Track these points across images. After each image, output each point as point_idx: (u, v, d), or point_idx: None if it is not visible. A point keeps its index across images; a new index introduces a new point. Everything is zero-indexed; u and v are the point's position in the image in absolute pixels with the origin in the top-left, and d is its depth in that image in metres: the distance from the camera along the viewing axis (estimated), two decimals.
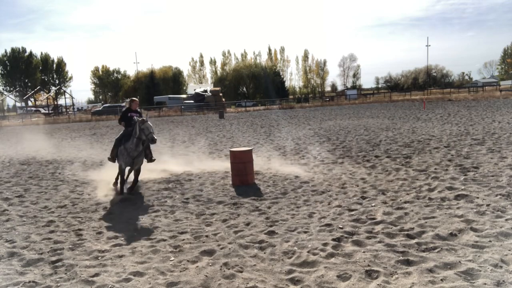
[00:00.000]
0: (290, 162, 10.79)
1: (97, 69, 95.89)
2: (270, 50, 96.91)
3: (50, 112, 55.32)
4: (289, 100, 69.98)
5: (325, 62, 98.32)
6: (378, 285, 3.79)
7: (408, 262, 4.23)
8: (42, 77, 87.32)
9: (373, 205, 6.39)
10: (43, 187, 9.07)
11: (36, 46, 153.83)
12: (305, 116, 31.32)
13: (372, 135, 15.58)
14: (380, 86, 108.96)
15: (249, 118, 32.89)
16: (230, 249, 4.86)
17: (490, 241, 4.62)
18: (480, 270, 3.90)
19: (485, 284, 3.66)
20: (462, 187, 7.00)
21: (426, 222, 5.38)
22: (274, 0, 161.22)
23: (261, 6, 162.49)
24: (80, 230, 5.92)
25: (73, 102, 65.05)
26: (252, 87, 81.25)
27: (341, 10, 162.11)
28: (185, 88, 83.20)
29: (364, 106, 43.75)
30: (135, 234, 5.67)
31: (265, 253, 4.71)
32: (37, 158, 14.07)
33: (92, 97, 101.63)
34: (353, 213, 6.05)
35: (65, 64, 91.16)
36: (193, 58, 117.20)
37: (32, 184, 9.52)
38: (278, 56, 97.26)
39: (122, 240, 5.42)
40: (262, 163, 10.61)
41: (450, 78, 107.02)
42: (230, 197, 7.47)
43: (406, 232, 5.10)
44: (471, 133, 14.37)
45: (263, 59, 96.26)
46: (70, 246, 5.21)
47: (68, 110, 60.24)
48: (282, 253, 4.68)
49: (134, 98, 8.20)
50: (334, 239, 4.98)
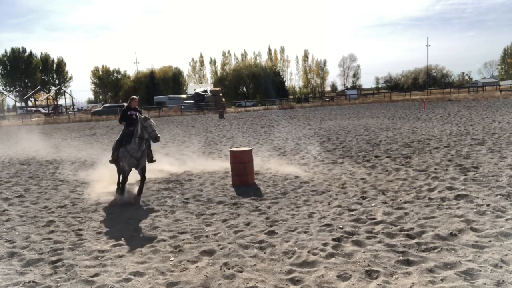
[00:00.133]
0: (290, 162, 10.79)
1: (97, 69, 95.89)
2: (270, 50, 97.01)
3: (50, 112, 55.31)
4: (289, 100, 69.96)
5: (325, 62, 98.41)
6: (378, 285, 3.79)
7: (408, 262, 4.23)
8: (42, 77, 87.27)
9: (373, 205, 6.39)
10: (43, 187, 9.07)
11: (36, 46, 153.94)
12: (305, 116, 31.33)
13: (372, 135, 15.58)
14: (380, 86, 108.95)
15: (249, 118, 32.89)
16: (230, 249, 4.86)
17: (490, 241, 4.62)
18: (480, 270, 3.90)
19: (485, 284, 3.66)
20: (462, 187, 7.00)
21: (426, 222, 5.38)
22: (274, 0, 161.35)
23: (261, 6, 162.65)
24: (80, 230, 5.92)
25: (73, 102, 65.11)
26: (252, 87, 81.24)
27: (341, 10, 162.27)
28: (185, 88, 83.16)
29: (364, 106, 43.75)
30: (135, 234, 5.67)
31: (265, 253, 4.71)
32: (37, 158, 14.07)
33: (92, 97, 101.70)
34: (353, 213, 6.05)
35: (65, 64, 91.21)
36: (193, 58, 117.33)
37: (32, 184, 9.52)
38: (278, 56, 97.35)
39: (122, 240, 5.42)
40: (262, 163, 10.61)
41: (450, 78, 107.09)
42: (230, 197, 7.47)
43: (406, 232, 5.10)
44: (471, 133, 14.37)
45: (263, 59, 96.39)
46: (70, 246, 5.21)
47: (68, 110, 60.26)
48: (282, 253, 4.68)
49: (134, 96, 8.08)
50: (334, 239, 4.98)
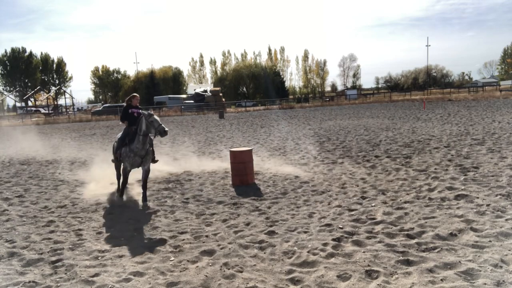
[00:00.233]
0: (290, 162, 10.79)
1: (97, 69, 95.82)
2: (270, 50, 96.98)
3: (50, 112, 55.33)
4: (289, 100, 69.96)
5: (325, 62, 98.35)
6: (378, 285, 3.79)
7: (408, 262, 4.23)
8: (42, 77, 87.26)
9: (373, 205, 6.39)
10: (43, 187, 9.07)
11: (36, 46, 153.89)
12: (305, 116, 31.32)
13: (372, 135, 15.58)
14: (380, 86, 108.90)
15: (249, 118, 32.89)
16: (230, 249, 4.86)
17: (490, 241, 4.62)
18: (480, 270, 3.90)
19: (485, 284, 3.66)
20: (462, 187, 7.00)
21: (426, 222, 5.38)
22: (274, 0, 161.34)
23: (261, 6, 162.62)
24: (80, 230, 5.92)
25: (73, 102, 65.14)
26: (252, 87, 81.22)
27: (341, 10, 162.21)
28: (185, 88, 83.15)
29: (364, 106, 43.75)
30: (135, 234, 5.67)
31: (265, 253, 4.71)
32: (37, 158, 14.07)
33: (92, 97, 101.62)
34: (353, 213, 6.05)
35: (65, 64, 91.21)
36: (193, 58, 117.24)
37: (32, 184, 9.52)
38: (278, 56, 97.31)
39: (122, 240, 5.42)
40: (262, 163, 10.61)
41: (450, 78, 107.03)
42: (230, 197, 7.47)
43: (406, 232, 5.10)
44: (471, 133, 14.37)
45: (263, 59, 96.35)
46: (70, 246, 5.21)
47: (68, 110, 60.28)
48: (282, 253, 4.68)
49: (135, 94, 7.89)
50: (334, 239, 4.98)
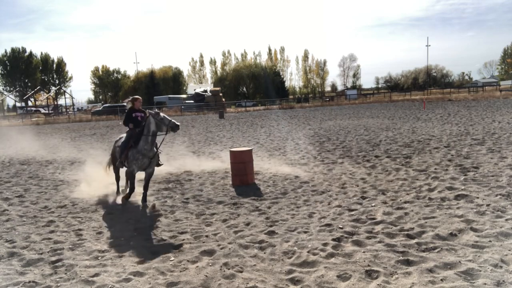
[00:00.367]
0: (290, 162, 10.80)
1: (97, 69, 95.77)
2: (270, 50, 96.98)
3: (50, 112, 55.34)
4: (289, 100, 69.93)
5: (325, 62, 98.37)
6: (378, 285, 3.79)
7: (408, 262, 4.23)
8: (42, 77, 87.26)
9: (373, 205, 6.39)
10: (43, 187, 9.07)
11: (36, 46, 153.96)
12: (305, 116, 31.32)
13: (372, 135, 15.58)
14: (380, 86, 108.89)
15: (249, 118, 32.88)
16: (230, 249, 4.86)
17: (490, 241, 4.62)
18: (480, 270, 3.90)
19: (485, 284, 3.66)
20: (462, 187, 7.00)
21: (426, 222, 5.38)
22: (274, 0, 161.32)
23: (261, 6, 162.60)
24: (80, 230, 5.92)
25: (73, 102, 65.16)
26: (252, 87, 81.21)
27: (341, 10, 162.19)
28: (185, 88, 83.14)
29: (364, 106, 43.74)
30: (135, 234, 5.67)
31: (265, 253, 4.71)
32: (37, 158, 14.08)
33: (92, 97, 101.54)
34: (353, 213, 6.05)
35: (65, 64, 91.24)
36: (193, 58, 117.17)
37: (32, 184, 9.52)
38: (278, 56, 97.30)
39: (122, 240, 5.42)
40: (262, 163, 10.61)
41: (450, 78, 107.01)
42: (230, 197, 7.47)
43: (406, 232, 5.10)
44: (471, 133, 14.37)
45: (263, 59, 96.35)
46: (70, 246, 5.21)
47: (68, 110, 60.29)
48: (282, 253, 4.68)
49: (137, 97, 7.63)
50: (334, 239, 4.98)
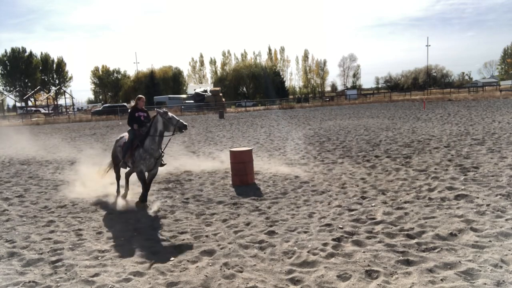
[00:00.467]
0: (290, 162, 10.79)
1: (97, 69, 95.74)
2: (270, 50, 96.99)
3: (50, 112, 55.34)
4: (289, 100, 69.89)
5: (325, 62, 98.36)
6: (378, 285, 3.79)
7: (408, 262, 4.23)
8: (42, 77, 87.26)
9: (373, 205, 6.39)
10: (43, 187, 9.07)
11: (36, 46, 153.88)
12: (305, 116, 31.32)
13: (372, 135, 15.58)
14: (380, 86, 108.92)
15: (249, 118, 32.88)
16: (230, 249, 4.86)
17: (490, 241, 4.62)
18: (480, 270, 3.90)
19: (485, 284, 3.66)
20: (462, 187, 7.00)
21: (426, 222, 5.38)
22: (274, 0, 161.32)
23: (261, 6, 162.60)
24: (80, 230, 5.92)
25: (73, 102, 65.19)
26: (252, 87, 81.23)
27: (341, 10, 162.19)
28: (185, 88, 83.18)
29: (364, 106, 43.75)
30: (135, 234, 5.67)
31: (265, 253, 4.71)
32: (37, 158, 14.08)
33: (92, 97, 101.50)
34: (353, 213, 6.05)
35: (65, 64, 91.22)
36: (193, 58, 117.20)
37: (32, 184, 9.52)
38: (278, 56, 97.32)
39: (122, 240, 5.42)
40: (262, 163, 10.61)
41: (450, 78, 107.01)
42: (230, 197, 7.47)
43: (406, 232, 5.10)
44: (471, 133, 14.37)
45: (263, 59, 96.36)
46: (70, 246, 5.21)
47: (68, 110, 60.30)
48: (282, 253, 4.68)
49: (141, 96, 7.59)
50: (334, 239, 4.98)
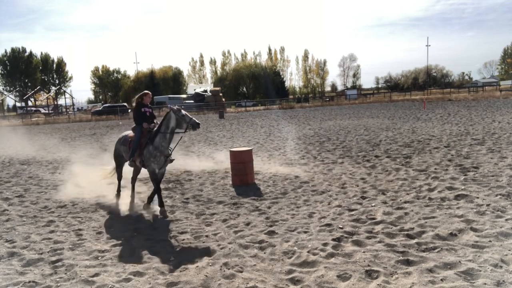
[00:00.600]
0: (290, 162, 10.79)
1: (97, 69, 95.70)
2: (270, 50, 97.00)
3: (50, 112, 55.36)
4: (289, 100, 69.87)
5: (325, 62, 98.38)
6: (378, 285, 3.79)
7: (408, 262, 4.23)
8: (42, 77, 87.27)
9: (373, 205, 6.39)
10: (43, 187, 9.07)
11: (36, 46, 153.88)
12: (305, 116, 31.32)
13: (372, 135, 15.57)
14: (380, 86, 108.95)
15: (249, 118, 32.88)
16: (230, 249, 4.86)
17: (490, 241, 4.62)
18: (480, 270, 3.90)
19: (485, 284, 3.66)
20: (462, 187, 7.00)
21: (426, 222, 5.38)
22: (274, 0, 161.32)
23: (261, 6, 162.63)
24: (80, 230, 5.92)
25: (73, 102, 65.22)
26: (252, 87, 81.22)
27: (341, 10, 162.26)
28: (185, 88, 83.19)
29: (364, 106, 43.74)
30: (135, 234, 5.67)
31: (265, 253, 4.71)
32: (37, 158, 14.08)
33: (92, 97, 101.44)
34: (353, 213, 6.05)
35: (65, 64, 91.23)
36: (193, 58, 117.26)
37: (32, 184, 9.52)
38: (278, 56, 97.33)
39: (122, 240, 5.42)
40: (262, 163, 10.61)
41: (450, 78, 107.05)
42: (230, 197, 7.47)
43: (406, 232, 5.10)
44: (471, 133, 14.36)
45: (263, 59, 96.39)
46: (70, 246, 5.21)
47: (68, 110, 60.31)
48: (282, 253, 4.68)
49: (147, 92, 7.26)
50: (334, 239, 4.98)
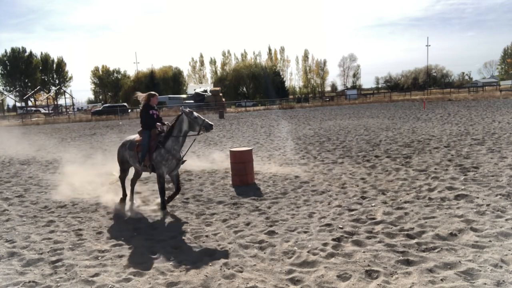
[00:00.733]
0: (290, 162, 10.79)
1: (97, 69, 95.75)
2: (270, 50, 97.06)
3: (50, 112, 55.36)
4: (289, 100, 69.84)
5: (325, 62, 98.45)
6: (378, 285, 3.79)
7: (408, 262, 4.22)
8: (42, 77, 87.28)
9: (373, 205, 6.39)
10: (43, 187, 9.07)
11: (36, 46, 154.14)
12: (305, 116, 31.31)
13: (372, 135, 15.57)
14: (380, 86, 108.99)
15: (249, 118, 32.87)
16: (230, 249, 4.87)
17: (490, 241, 4.62)
18: (480, 270, 3.90)
19: (485, 284, 3.66)
20: (462, 187, 7.00)
21: (426, 222, 5.38)
22: (274, 0, 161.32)
23: (261, 6, 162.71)
24: (80, 230, 5.92)
25: (73, 102, 65.22)
26: (252, 87, 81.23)
27: (341, 10, 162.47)
28: (185, 88, 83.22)
29: (364, 106, 43.73)
30: (135, 234, 5.67)
31: (265, 253, 4.71)
32: (37, 158, 14.08)
33: (92, 97, 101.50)
34: (353, 213, 6.05)
35: (65, 64, 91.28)
36: (193, 58, 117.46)
37: (32, 184, 9.52)
38: (278, 56, 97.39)
39: (122, 240, 5.42)
40: (262, 163, 10.61)
41: (450, 78, 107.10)
42: (230, 197, 7.47)
43: (406, 232, 5.10)
44: (471, 133, 14.36)
45: (263, 59, 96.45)
46: (70, 246, 5.21)
47: (68, 110, 60.31)
48: (282, 253, 4.68)
49: (154, 93, 6.95)
50: (334, 239, 4.98)
